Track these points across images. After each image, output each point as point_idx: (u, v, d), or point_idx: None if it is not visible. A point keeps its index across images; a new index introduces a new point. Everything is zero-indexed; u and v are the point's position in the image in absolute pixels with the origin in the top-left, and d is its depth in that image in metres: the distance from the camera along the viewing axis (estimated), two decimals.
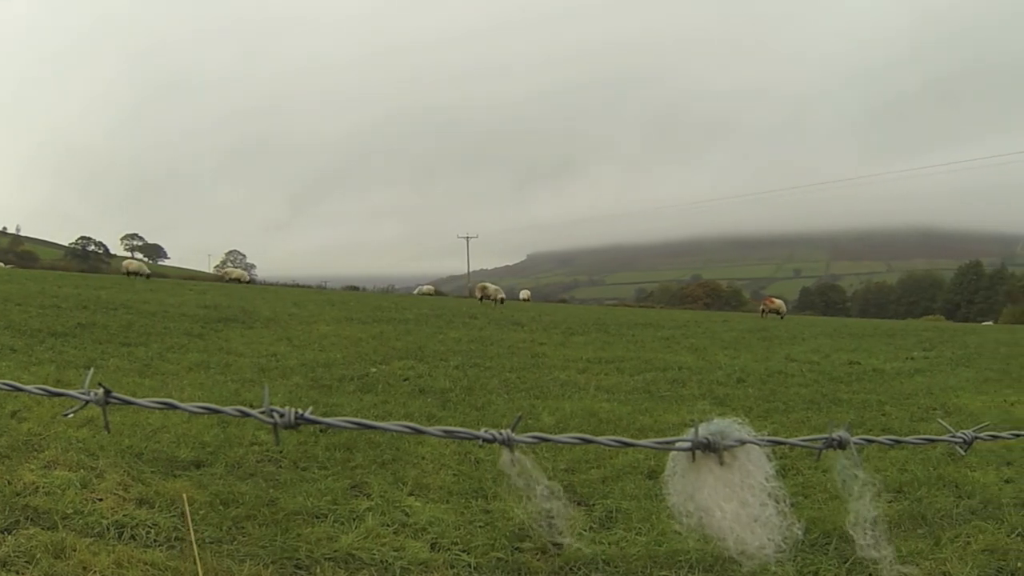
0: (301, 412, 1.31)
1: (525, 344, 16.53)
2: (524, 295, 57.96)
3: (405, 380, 10.55)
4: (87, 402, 1.38)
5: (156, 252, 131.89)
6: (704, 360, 14.98)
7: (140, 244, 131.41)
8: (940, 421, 1.94)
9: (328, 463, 5.77)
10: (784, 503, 1.34)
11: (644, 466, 5.94)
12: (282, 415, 1.30)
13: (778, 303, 40.79)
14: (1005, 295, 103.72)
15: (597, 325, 23.73)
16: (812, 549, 4.29)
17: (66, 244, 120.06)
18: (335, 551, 4.10)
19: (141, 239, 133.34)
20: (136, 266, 41.69)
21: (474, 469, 5.78)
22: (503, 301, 36.48)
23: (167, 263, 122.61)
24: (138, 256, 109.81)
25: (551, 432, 1.84)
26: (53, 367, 9.61)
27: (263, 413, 1.31)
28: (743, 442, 1.33)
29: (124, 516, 4.31)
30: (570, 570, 4.06)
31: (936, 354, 17.91)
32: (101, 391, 1.36)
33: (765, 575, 3.75)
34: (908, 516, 5.01)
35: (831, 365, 14.80)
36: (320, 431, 6.19)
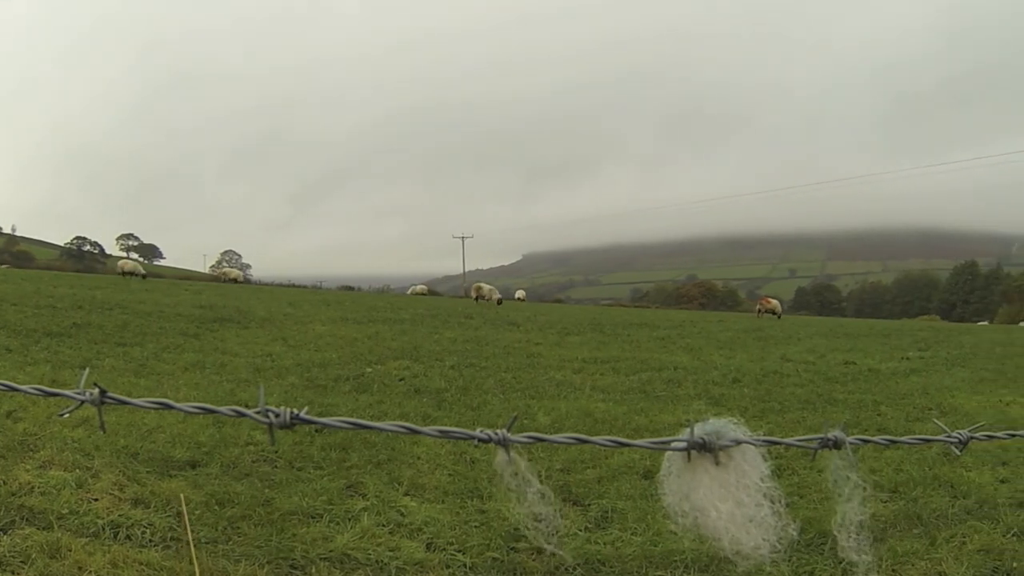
0: (296, 412, 1.31)
1: (521, 344, 16.53)
2: (520, 295, 57.94)
3: (401, 380, 10.54)
4: (82, 402, 1.38)
5: (151, 252, 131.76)
6: (700, 360, 15.00)
7: (135, 244, 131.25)
8: (935, 421, 1.95)
9: (324, 463, 5.76)
10: (779, 503, 1.35)
11: (640, 466, 5.94)
12: (277, 415, 1.30)
13: (774, 303, 40.84)
14: (1001, 295, 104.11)
15: (593, 325, 23.72)
16: (807, 549, 4.30)
17: (62, 244, 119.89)
18: (331, 551, 4.09)
19: (136, 239, 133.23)
20: (132, 266, 41.54)
21: (470, 469, 5.78)
22: (500, 302, 36.49)
23: (162, 263, 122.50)
24: (133, 256, 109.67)
25: (547, 432, 1.85)
26: (48, 367, 9.58)
27: (259, 413, 1.31)
28: (739, 442, 1.34)
29: (120, 516, 4.30)
30: (565, 570, 4.06)
31: (932, 354, 17.95)
32: (96, 391, 1.36)
33: (760, 575, 3.76)
34: (904, 516, 5.02)
35: (827, 365, 14.82)
36: (316, 431, 6.18)
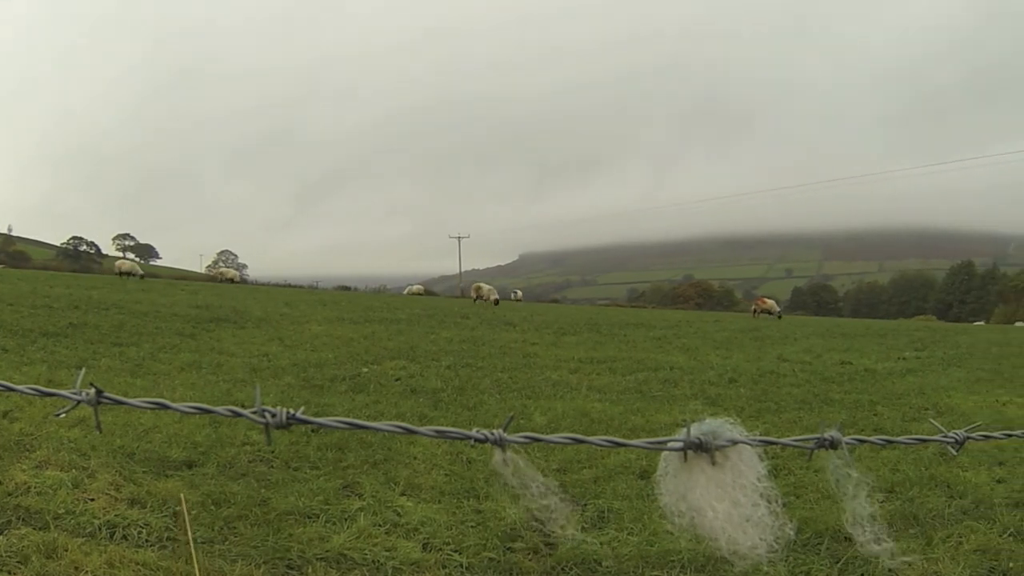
0: (293, 412, 1.31)
1: (517, 344, 16.53)
2: (516, 295, 57.94)
3: (397, 380, 10.54)
4: (79, 402, 1.38)
5: (148, 252, 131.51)
6: (696, 360, 15.01)
7: (132, 244, 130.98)
8: (932, 421, 1.95)
9: (320, 463, 5.76)
10: (776, 503, 1.35)
11: (636, 466, 5.94)
12: (274, 415, 1.29)
13: (770, 303, 40.88)
14: (997, 295, 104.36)
15: (589, 325, 23.73)
16: (804, 549, 4.30)
17: (58, 244, 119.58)
18: (327, 551, 4.09)
19: (133, 239, 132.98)
20: (129, 266, 41.45)
21: (466, 469, 5.78)
22: (497, 302, 36.51)
23: (159, 263, 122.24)
24: (130, 256, 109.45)
25: (543, 432, 1.85)
26: (45, 367, 9.57)
27: (255, 413, 1.31)
28: (735, 442, 1.34)
29: (116, 516, 4.30)
30: (562, 570, 4.06)
31: (928, 354, 17.97)
32: (93, 391, 1.36)
33: (757, 575, 3.76)
34: (900, 516, 5.03)
35: (823, 365, 14.83)
36: (312, 431, 6.17)
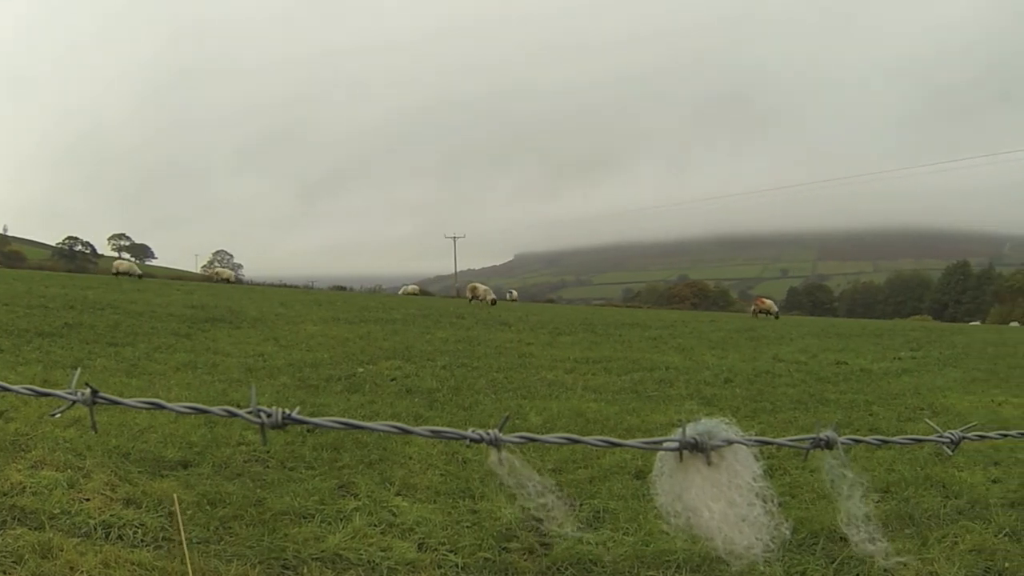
0: (288, 412, 1.30)
1: (512, 344, 16.53)
2: (512, 295, 57.93)
3: (392, 380, 10.53)
4: (74, 402, 1.38)
5: (143, 252, 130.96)
6: (691, 360, 15.02)
7: (127, 244, 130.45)
8: (927, 421, 1.95)
9: (315, 463, 5.75)
10: (772, 503, 1.35)
11: (631, 466, 5.95)
12: (269, 415, 1.29)
13: (768, 303, 40.94)
14: (992, 295, 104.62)
15: (584, 325, 23.73)
16: (800, 549, 4.31)
17: (53, 244, 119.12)
18: (322, 551, 4.09)
19: (128, 239, 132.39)
20: (127, 267, 41.37)
21: (461, 469, 5.78)
22: (495, 303, 36.50)
23: (154, 263, 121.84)
24: (125, 256, 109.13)
25: (538, 432, 1.84)
26: (40, 367, 9.56)
27: (250, 413, 1.30)
28: (730, 442, 1.34)
29: (111, 516, 4.30)
30: (557, 570, 4.06)
31: (923, 354, 18.00)
32: (88, 391, 1.35)
33: (753, 575, 3.76)
34: (895, 516, 5.04)
35: (818, 365, 14.85)
36: (307, 431, 6.17)
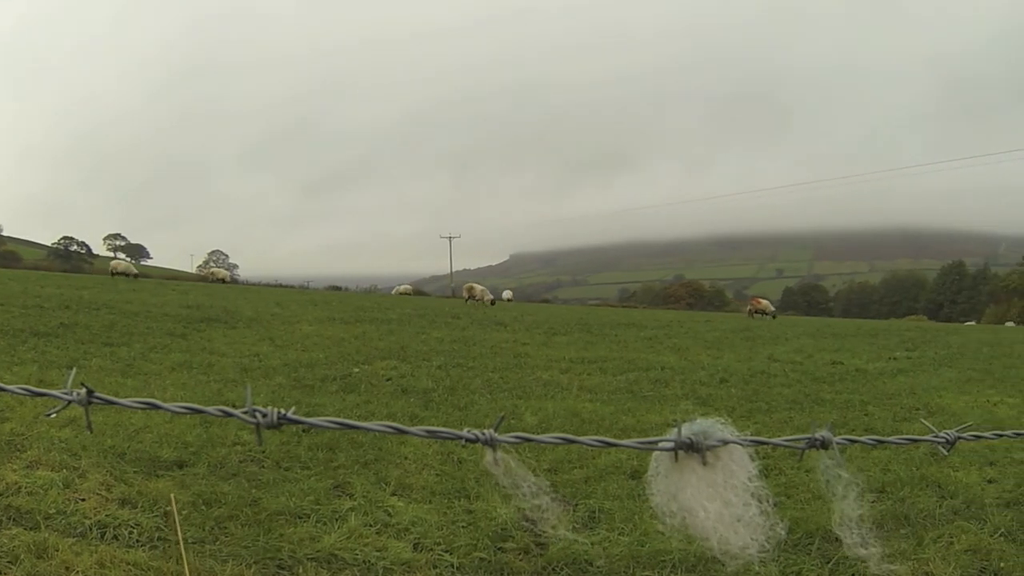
0: (284, 412, 1.30)
1: (508, 344, 16.53)
2: (507, 295, 57.90)
3: (388, 380, 10.53)
4: (69, 402, 1.37)
5: (138, 252, 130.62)
6: (687, 360, 15.03)
7: (123, 244, 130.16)
8: (923, 421, 1.96)
9: (311, 463, 5.75)
10: (767, 503, 1.35)
11: (627, 466, 5.95)
12: (264, 415, 1.29)
13: (765, 303, 40.95)
14: (988, 295, 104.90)
15: (580, 325, 23.73)
16: (795, 549, 4.32)
17: (49, 244, 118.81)
18: (318, 551, 4.09)
19: (124, 239, 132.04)
20: (124, 267, 41.34)
21: (457, 469, 5.78)
22: (493, 302, 36.52)
23: (149, 263, 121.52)
24: (121, 256, 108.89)
25: (534, 432, 1.85)
26: (35, 367, 9.53)
27: (246, 413, 1.30)
28: (726, 442, 1.34)
29: (107, 516, 4.29)
30: (552, 570, 4.06)
31: (919, 354, 18.03)
32: (83, 391, 1.35)
33: (748, 575, 3.77)
34: (891, 516, 5.05)
35: (814, 365, 14.87)
36: (303, 431, 6.17)
